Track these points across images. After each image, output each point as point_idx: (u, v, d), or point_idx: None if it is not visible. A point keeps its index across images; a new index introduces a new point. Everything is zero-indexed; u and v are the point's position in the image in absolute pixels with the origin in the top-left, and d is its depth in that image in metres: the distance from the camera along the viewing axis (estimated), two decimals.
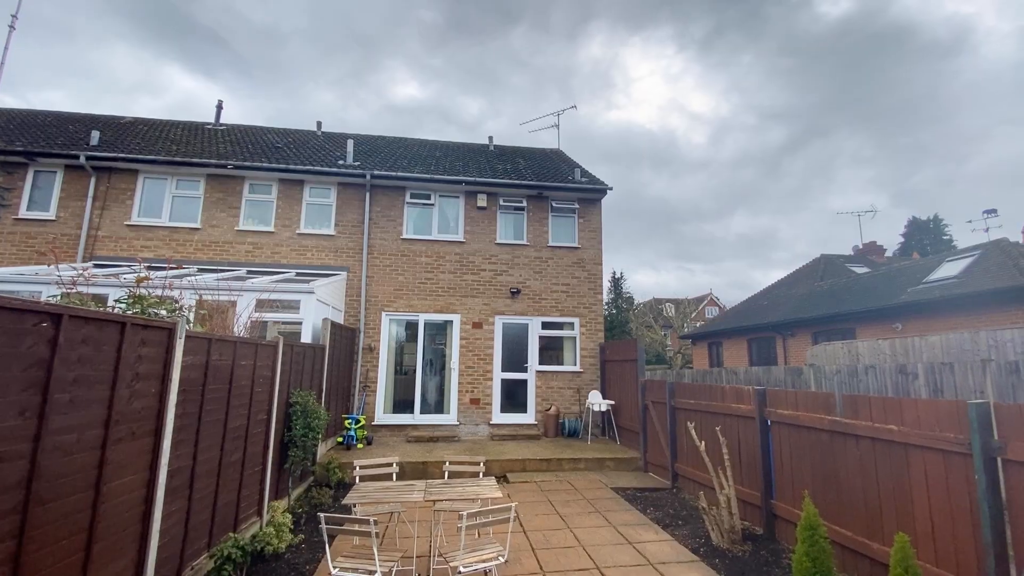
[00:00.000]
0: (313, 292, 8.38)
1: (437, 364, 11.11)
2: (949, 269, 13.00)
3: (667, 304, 44.84)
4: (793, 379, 10.08)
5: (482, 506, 4.33)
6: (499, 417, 10.83)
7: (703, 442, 5.76)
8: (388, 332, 10.85)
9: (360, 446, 8.98)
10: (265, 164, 10.91)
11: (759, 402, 5.54)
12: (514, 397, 11.13)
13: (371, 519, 3.19)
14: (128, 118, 14.24)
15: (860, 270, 19.91)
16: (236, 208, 10.98)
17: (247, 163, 10.86)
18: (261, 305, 8.60)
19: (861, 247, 23.56)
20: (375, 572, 3.23)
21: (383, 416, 10.43)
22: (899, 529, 3.73)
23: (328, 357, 8.27)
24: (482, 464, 5.05)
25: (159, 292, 4.37)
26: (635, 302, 40.84)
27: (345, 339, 9.81)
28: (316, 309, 8.49)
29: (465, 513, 3.34)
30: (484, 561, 3.43)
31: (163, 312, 3.91)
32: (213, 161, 10.80)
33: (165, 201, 10.91)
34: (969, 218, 46.13)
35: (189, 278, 8.46)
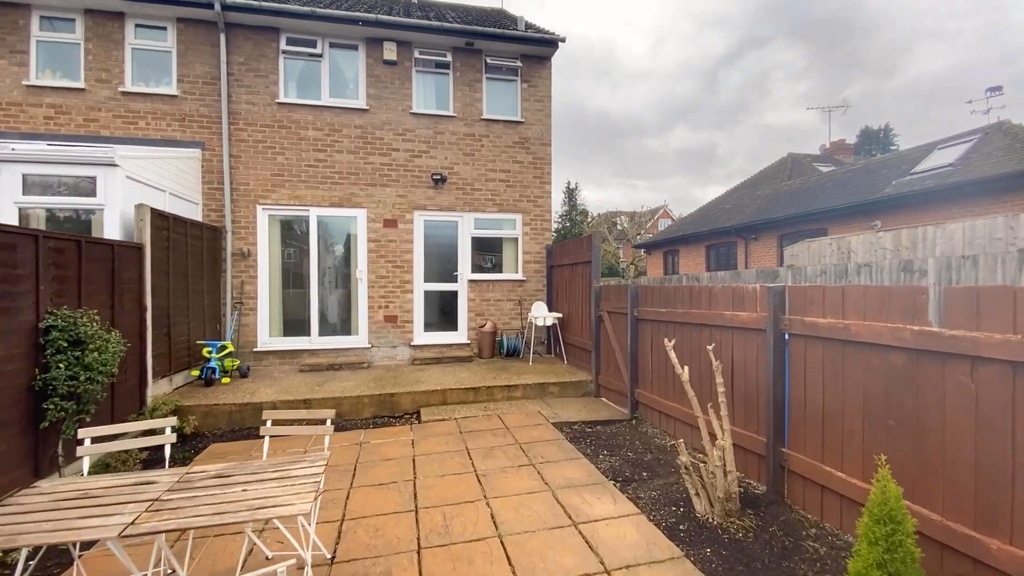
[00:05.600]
0: (115, 164, 5.55)
1: (340, 274, 8.70)
2: (941, 157, 11.43)
3: (621, 217, 43.21)
4: (764, 282, 8.49)
5: (262, 537, 2.28)
6: (423, 337, 8.79)
7: (686, 368, 3.88)
8: (268, 232, 8.18)
9: (226, 380, 6.72)
10: None
11: (775, 306, 3.63)
12: (442, 312, 9.05)
13: None
14: None
15: (828, 169, 18.42)
16: (23, 53, 7.49)
17: None
18: (41, 189, 5.76)
19: (828, 146, 22.02)
20: None
21: (269, 340, 8.11)
22: None
23: (152, 261, 5.69)
24: (329, 422, 2.95)
25: None
26: (590, 215, 39.03)
27: (201, 240, 7.15)
28: (126, 192, 5.72)
29: None
30: None
31: None
32: None
33: None
34: (907, 127, 45.94)
35: None
